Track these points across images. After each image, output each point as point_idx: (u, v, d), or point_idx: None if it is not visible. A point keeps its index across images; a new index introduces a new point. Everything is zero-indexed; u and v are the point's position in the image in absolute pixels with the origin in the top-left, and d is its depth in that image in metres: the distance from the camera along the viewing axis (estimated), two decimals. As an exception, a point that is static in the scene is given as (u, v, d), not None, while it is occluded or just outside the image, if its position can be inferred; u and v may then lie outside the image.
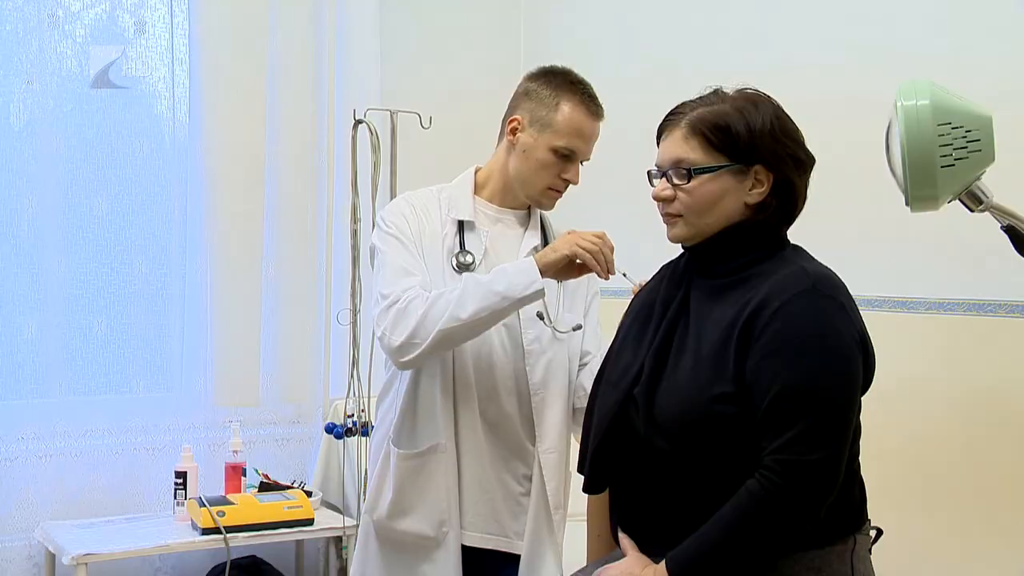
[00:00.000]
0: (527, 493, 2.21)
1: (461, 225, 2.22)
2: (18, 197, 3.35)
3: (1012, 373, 2.48)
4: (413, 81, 3.91)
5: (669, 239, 1.83)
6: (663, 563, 1.68)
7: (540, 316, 2.19)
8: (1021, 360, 2.46)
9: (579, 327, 2.26)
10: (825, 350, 1.63)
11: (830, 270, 1.74)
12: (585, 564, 2.00)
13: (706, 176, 1.73)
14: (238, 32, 3.62)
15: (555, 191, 2.24)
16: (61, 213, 3.41)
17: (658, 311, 1.81)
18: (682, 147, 1.75)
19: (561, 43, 4.05)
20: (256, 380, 3.67)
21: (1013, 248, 1.91)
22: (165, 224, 3.58)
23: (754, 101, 1.76)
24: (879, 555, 1.81)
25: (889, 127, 1.91)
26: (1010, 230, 1.90)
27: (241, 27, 3.62)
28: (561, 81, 2.22)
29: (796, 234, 1.83)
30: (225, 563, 3.20)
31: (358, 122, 3.40)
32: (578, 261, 2.06)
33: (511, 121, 2.23)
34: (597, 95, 2.25)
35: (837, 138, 2.76)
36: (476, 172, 2.31)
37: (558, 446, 2.22)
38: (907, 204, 1.90)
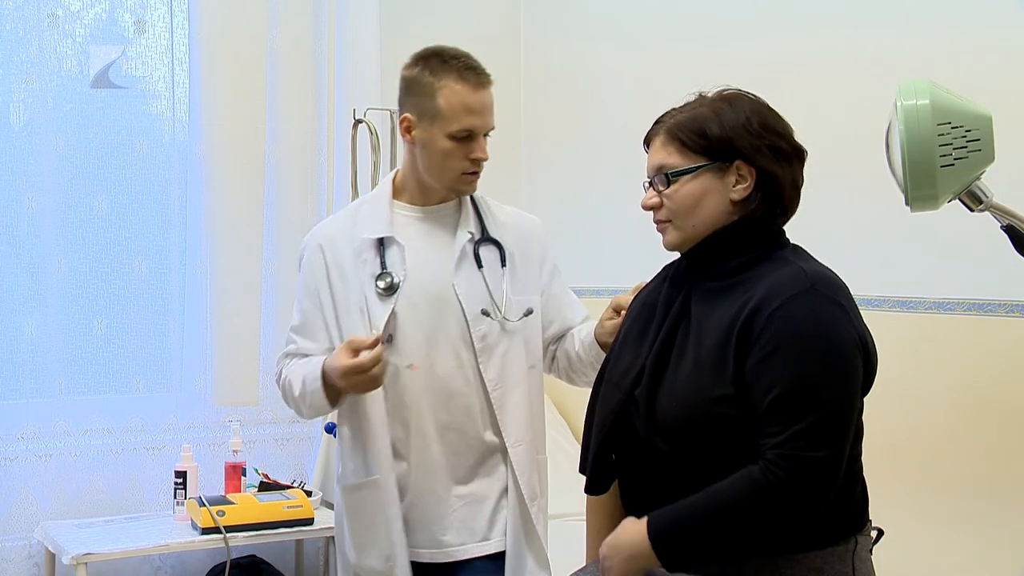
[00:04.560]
0: (504, 489, 2.20)
1: (381, 242, 2.18)
2: (18, 197, 3.35)
3: (1012, 373, 2.47)
4: (413, 81, 3.91)
5: (664, 247, 1.84)
6: (645, 519, 1.70)
7: (485, 313, 2.16)
8: (1021, 360, 2.46)
9: (530, 312, 2.22)
10: (825, 350, 1.63)
11: (830, 270, 1.74)
12: (585, 564, 1.99)
13: (686, 178, 1.75)
14: (238, 32, 3.62)
15: (470, 174, 2.17)
16: (61, 213, 3.41)
17: (660, 312, 1.81)
18: (662, 154, 1.78)
19: (561, 43, 4.05)
20: (256, 380, 3.67)
21: (1013, 248, 1.91)
22: (165, 224, 3.58)
23: (729, 100, 1.77)
24: (879, 555, 1.81)
25: (889, 127, 1.91)
26: (1010, 230, 1.90)
27: (241, 27, 3.63)
28: (436, 64, 2.13)
29: (796, 234, 1.83)
30: (225, 563, 3.20)
31: (358, 122, 3.40)
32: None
33: (401, 121, 2.17)
34: (477, 62, 2.15)
35: (837, 137, 2.76)
36: (395, 177, 2.26)
37: (524, 437, 2.20)
38: (907, 204, 1.90)
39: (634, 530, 1.71)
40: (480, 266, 2.19)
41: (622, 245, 3.61)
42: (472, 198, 2.26)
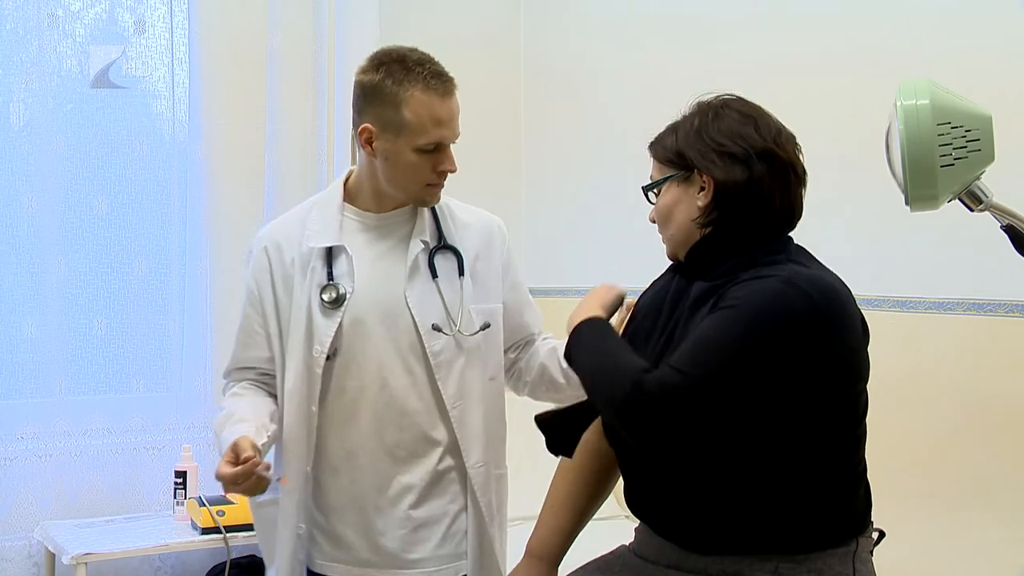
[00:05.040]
0: (460, 510, 2.10)
1: (330, 251, 2.05)
2: (18, 197, 3.35)
3: (1012, 372, 2.48)
4: (413, 81, 3.91)
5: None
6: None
7: (437, 328, 2.04)
8: (1021, 360, 2.46)
9: (487, 326, 2.09)
10: (758, 316, 1.60)
11: (834, 278, 1.70)
12: (585, 562, 1.99)
13: (661, 190, 1.80)
14: (238, 32, 3.62)
15: (435, 186, 2.04)
16: (61, 213, 3.41)
17: (666, 311, 1.82)
18: (653, 169, 1.84)
19: (561, 43, 4.05)
20: (256, 380, 3.67)
21: (1013, 248, 1.91)
22: (165, 224, 3.58)
23: (703, 109, 1.78)
24: (880, 555, 1.81)
25: (889, 127, 1.91)
26: (1010, 230, 1.90)
27: (241, 27, 3.62)
28: (398, 71, 1.97)
29: (796, 234, 1.83)
30: (225, 562, 3.20)
31: (358, 122, 3.39)
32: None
33: (361, 132, 2.00)
34: (441, 67, 2.02)
35: (837, 138, 2.76)
36: (347, 180, 2.12)
37: (485, 456, 2.10)
38: (907, 204, 1.89)
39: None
40: (435, 276, 2.06)
41: (622, 245, 3.60)
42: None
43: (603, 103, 3.78)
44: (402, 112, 1.96)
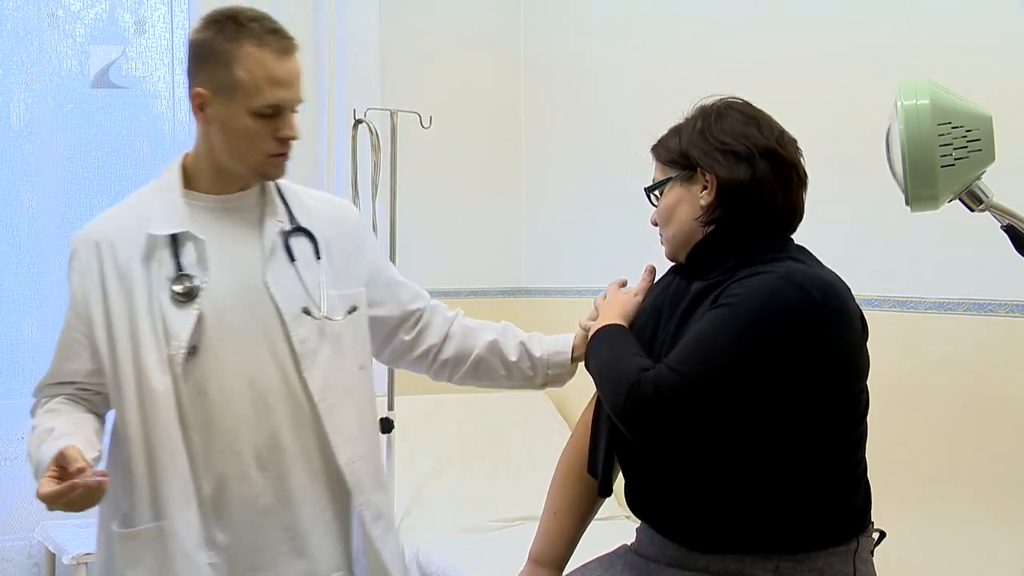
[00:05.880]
0: (339, 513, 1.94)
1: (175, 239, 1.86)
2: (18, 197, 3.36)
3: (1012, 372, 2.48)
4: (413, 81, 3.91)
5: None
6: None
7: (307, 311, 1.88)
8: (1021, 359, 2.46)
9: (355, 309, 1.94)
10: (756, 312, 1.60)
11: (832, 278, 1.69)
12: (586, 561, 1.99)
13: (663, 191, 1.81)
14: (238, 32, 3.61)
15: (278, 155, 1.85)
16: (61, 213, 3.41)
17: (666, 312, 1.82)
18: (655, 172, 1.85)
19: (561, 43, 4.05)
20: (256, 380, 3.66)
21: (1013, 248, 1.91)
22: (165, 224, 3.58)
23: (706, 111, 1.79)
24: (880, 554, 1.81)
25: (889, 127, 1.91)
26: (1010, 230, 1.90)
27: (241, 27, 3.62)
28: (231, 29, 1.80)
29: (796, 234, 1.83)
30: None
31: (358, 122, 3.40)
32: None
33: (194, 96, 1.83)
34: (279, 25, 1.84)
35: (837, 138, 2.76)
36: (183, 162, 1.94)
37: (359, 451, 1.93)
38: (907, 204, 1.89)
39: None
40: (293, 259, 1.90)
41: (622, 245, 3.60)
42: (276, 184, 1.96)
43: (603, 103, 3.78)
44: (234, 71, 1.78)
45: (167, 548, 1.83)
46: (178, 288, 1.83)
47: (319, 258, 1.93)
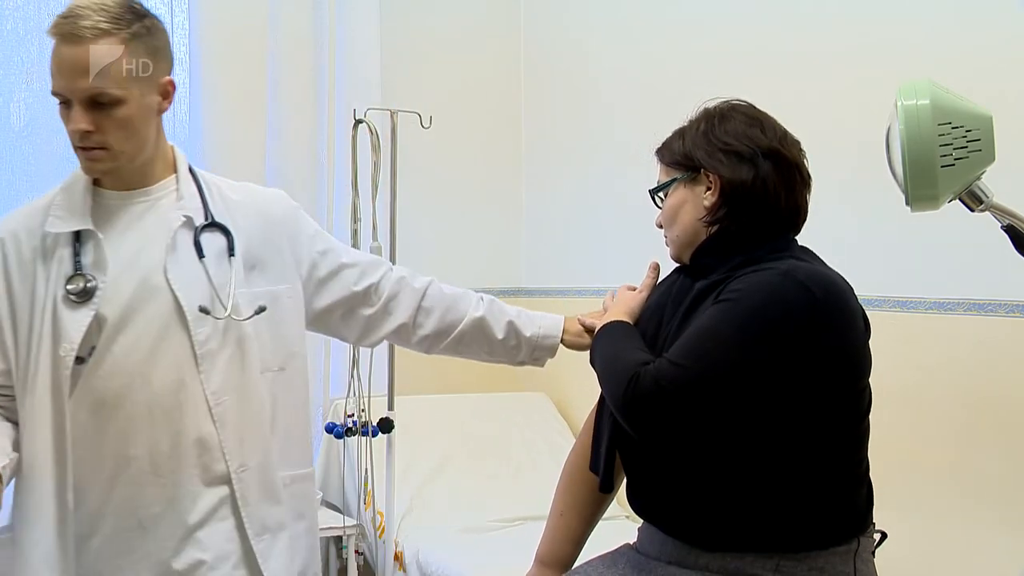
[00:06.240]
0: (228, 518, 1.83)
1: (78, 237, 1.80)
2: (18, 197, 3.35)
3: (1012, 373, 2.48)
4: (413, 81, 3.91)
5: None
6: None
7: (204, 311, 1.79)
8: (1021, 360, 2.46)
9: (262, 309, 1.84)
10: (756, 309, 1.61)
11: (833, 276, 1.70)
12: (588, 559, 1.99)
13: (667, 192, 1.83)
14: (238, 32, 3.62)
15: (81, 149, 1.77)
16: (61, 213, 3.41)
17: (669, 310, 1.82)
18: (659, 174, 1.87)
19: (561, 43, 4.05)
20: (256, 380, 3.65)
21: (1013, 248, 1.91)
22: (165, 224, 3.58)
23: (709, 113, 1.81)
24: (880, 554, 1.81)
25: (889, 127, 1.91)
26: (1010, 230, 1.90)
27: (241, 27, 3.62)
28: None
29: (796, 234, 1.83)
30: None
31: (358, 122, 3.40)
32: None
33: None
34: (86, 12, 1.71)
35: (837, 137, 2.76)
36: None
37: (252, 459, 1.84)
38: (907, 204, 1.89)
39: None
40: (202, 256, 1.82)
41: (622, 245, 3.60)
42: (195, 177, 1.90)
43: (603, 103, 3.78)
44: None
45: (15, 558, 1.79)
46: (72, 287, 1.77)
47: (232, 255, 1.85)
